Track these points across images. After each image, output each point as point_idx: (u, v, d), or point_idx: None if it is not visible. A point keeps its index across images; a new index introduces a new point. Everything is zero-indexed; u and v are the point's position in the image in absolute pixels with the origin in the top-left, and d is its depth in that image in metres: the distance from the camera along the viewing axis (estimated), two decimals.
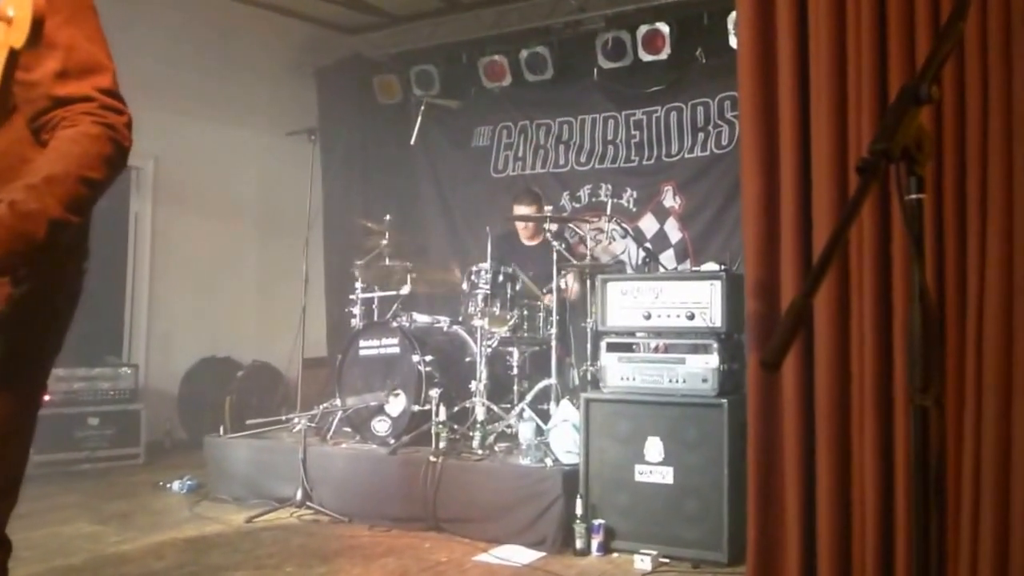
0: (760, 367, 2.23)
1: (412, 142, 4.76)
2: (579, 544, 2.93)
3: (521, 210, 4.35)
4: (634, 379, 3.09)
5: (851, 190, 2.06)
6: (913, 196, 0.98)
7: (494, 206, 5.40)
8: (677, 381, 3.01)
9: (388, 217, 4.31)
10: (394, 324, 3.85)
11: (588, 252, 4.05)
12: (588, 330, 3.72)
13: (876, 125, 1.99)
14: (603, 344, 3.17)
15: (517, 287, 3.78)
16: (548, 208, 4.30)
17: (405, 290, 3.99)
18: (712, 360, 2.97)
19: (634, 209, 4.96)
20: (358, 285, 4.18)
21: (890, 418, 1.99)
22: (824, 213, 2.10)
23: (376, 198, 5.58)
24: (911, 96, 0.96)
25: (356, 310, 4.17)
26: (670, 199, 4.84)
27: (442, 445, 3.36)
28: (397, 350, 3.77)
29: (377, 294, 4.20)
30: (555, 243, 3.74)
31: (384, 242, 4.24)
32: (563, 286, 3.90)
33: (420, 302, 4.75)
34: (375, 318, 4.14)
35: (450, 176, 5.68)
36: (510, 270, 3.79)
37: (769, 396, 2.22)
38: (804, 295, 0.83)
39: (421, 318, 4.09)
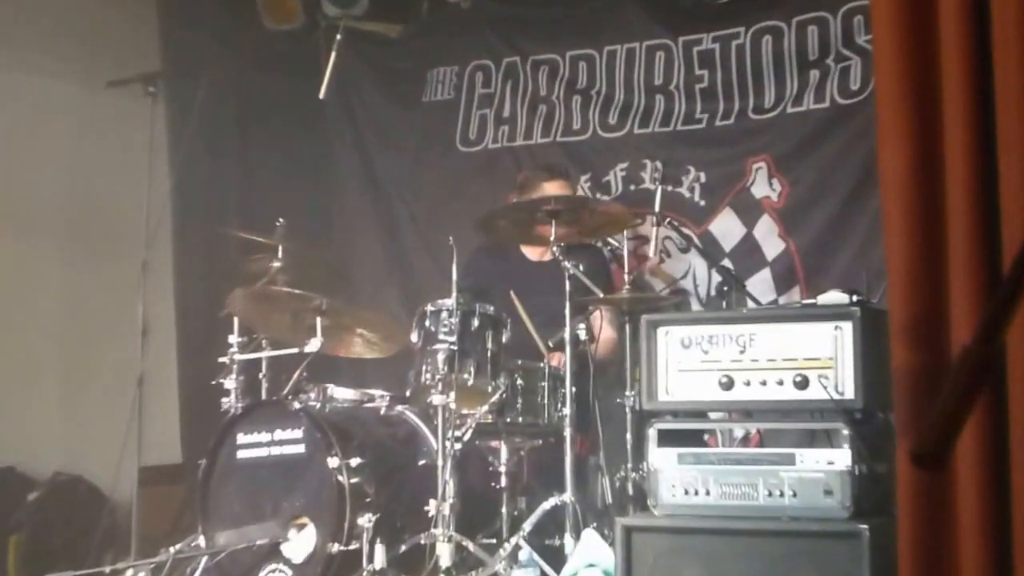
0: (912, 464, 2.22)
1: (322, 96, 4.80)
2: None
3: (545, 193, 4.43)
4: (707, 492, 3.07)
5: None
6: None
7: (463, 199, 5.46)
8: (782, 495, 2.99)
9: (283, 223, 4.33)
10: (296, 405, 3.83)
11: (626, 277, 4.07)
12: (628, 409, 3.74)
13: None
14: (653, 433, 3.16)
15: (504, 338, 3.81)
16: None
17: (313, 345, 3.96)
18: (841, 457, 2.95)
19: (702, 202, 5.01)
20: (234, 339, 4.18)
21: None
22: (1020, 208, 2.11)
23: (262, 192, 5.64)
24: None
25: (231, 381, 4.15)
26: (763, 185, 4.90)
27: None
28: (301, 449, 3.77)
29: (267, 353, 4.19)
30: (568, 263, 3.76)
31: (276, 264, 4.26)
32: (583, 335, 3.91)
33: (340, 366, 4.74)
34: (263, 395, 4.14)
35: (388, 152, 5.76)
36: (490, 310, 3.81)
37: (932, 515, 2.21)
38: (985, 340, 0.84)
39: (342, 393, 4.09)
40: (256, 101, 5.78)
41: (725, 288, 4.47)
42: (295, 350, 4.03)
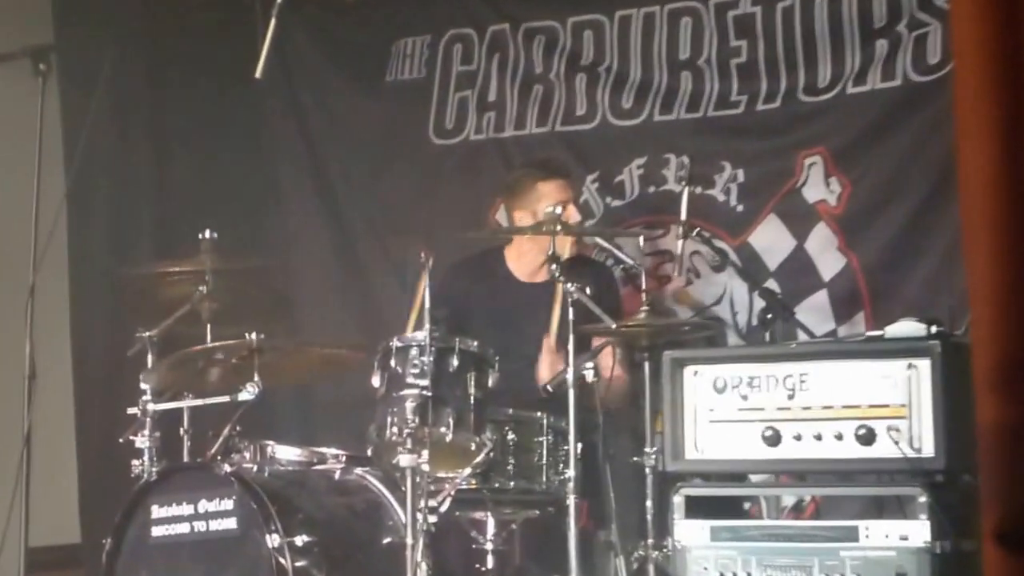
0: (997, 545, 2.21)
1: (259, 75, 4.79)
2: None
3: (541, 196, 4.46)
4: None
5: None
6: None
7: (437, 205, 5.46)
8: None
9: (209, 235, 4.33)
10: (226, 469, 3.82)
11: (644, 301, 4.08)
12: (647, 471, 3.73)
13: None
14: (679, 500, 3.17)
15: (490, 380, 3.81)
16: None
17: (248, 393, 3.96)
18: (917, 531, 2.96)
19: (739, 208, 5.02)
20: (146, 386, 4.17)
21: None
22: None
23: (184, 197, 5.65)
24: None
25: (143, 439, 4.12)
26: (818, 185, 4.90)
27: None
28: (233, 524, 3.75)
29: (189, 403, 4.18)
30: (569, 285, 3.77)
31: (202, 290, 4.27)
32: (590, 377, 3.92)
33: (284, 418, 4.70)
34: (184, 456, 4.14)
35: (342, 146, 5.78)
36: (473, 345, 3.81)
37: None
38: None
39: (286, 452, 4.07)
40: (175, 83, 5.79)
41: (769, 316, 4.45)
42: (225, 398, 4.01)
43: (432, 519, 3.64)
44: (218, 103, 5.73)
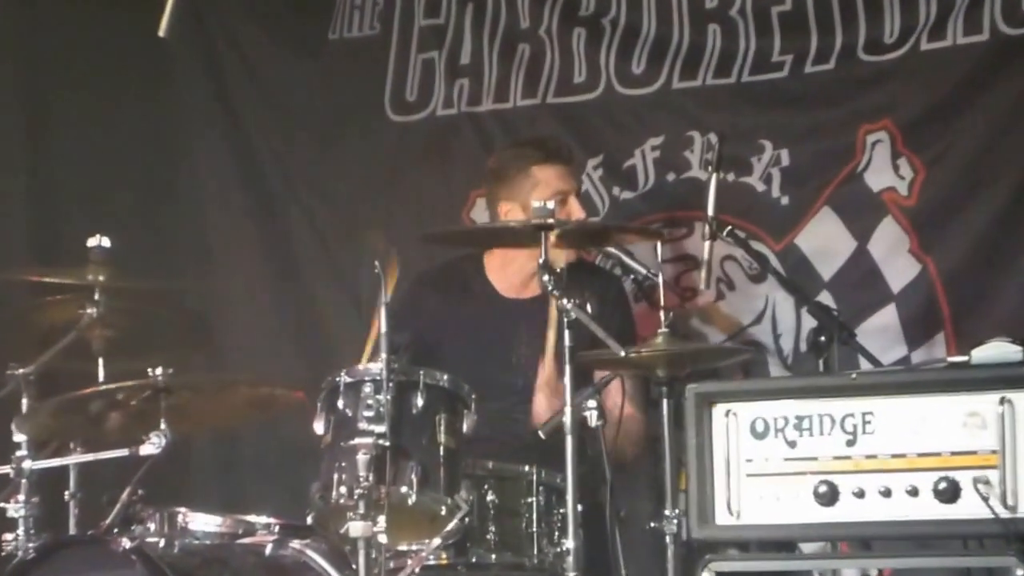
0: None
1: (163, 33, 4.81)
2: None
3: (536, 184, 4.47)
4: None
5: None
6: None
7: (396, 198, 5.51)
8: None
9: (102, 242, 4.33)
10: (126, 544, 3.81)
11: (662, 321, 4.06)
12: (668, 539, 3.73)
13: None
14: None
15: (464, 425, 3.81)
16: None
17: (153, 445, 3.97)
18: None
19: (784, 200, 5.06)
20: (21, 437, 4.16)
21: None
22: None
23: (69, 193, 5.67)
24: None
25: (17, 506, 4.10)
26: (884, 169, 4.93)
27: None
28: None
29: (77, 458, 4.19)
30: (566, 302, 3.76)
31: (91, 312, 4.28)
32: (593, 419, 3.92)
33: (200, 474, 4.66)
34: (71, 527, 4.16)
35: (275, 124, 5.81)
36: (443, 380, 3.82)
37: None
38: None
39: (203, 522, 4.07)
40: (58, 47, 5.79)
41: (823, 339, 4.46)
42: (124, 452, 4.01)
43: None
44: (112, 69, 5.76)
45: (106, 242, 4.31)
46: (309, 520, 3.90)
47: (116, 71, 5.74)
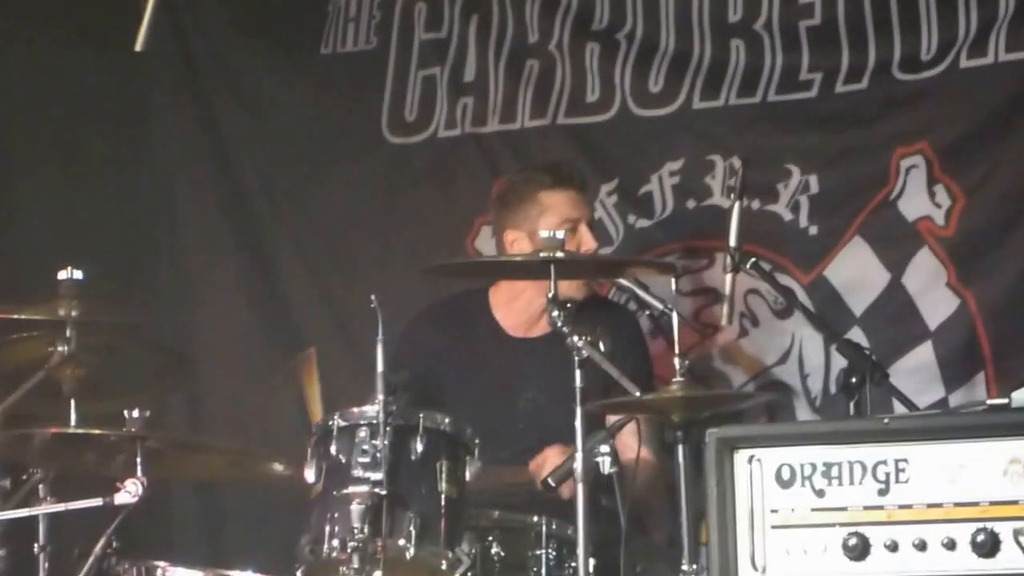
0: None
1: (140, 47, 4.83)
2: None
3: (544, 211, 4.50)
4: None
5: None
6: None
7: (394, 227, 5.54)
8: None
9: (73, 274, 4.34)
10: None
11: (677, 362, 4.06)
12: None
13: None
14: None
15: (467, 472, 3.83)
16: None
17: (129, 494, 3.98)
18: None
19: (812, 229, 5.09)
20: None
21: None
22: None
23: (38, 219, 5.68)
24: None
25: None
26: (920, 196, 4.97)
27: None
28: None
29: (47, 508, 4.19)
30: (577, 339, 3.77)
31: (61, 350, 4.29)
32: (607, 465, 3.92)
33: (180, 525, 4.65)
34: None
35: (262, 145, 5.83)
36: (444, 423, 3.84)
37: None
38: None
39: None
40: (22, 62, 5.78)
41: (854, 379, 4.45)
42: (98, 502, 4.02)
43: None
44: (84, 85, 5.79)
45: (78, 274, 4.29)
46: (298, 575, 3.89)
47: (87, 89, 5.77)
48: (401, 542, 3.69)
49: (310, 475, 3.84)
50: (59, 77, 5.77)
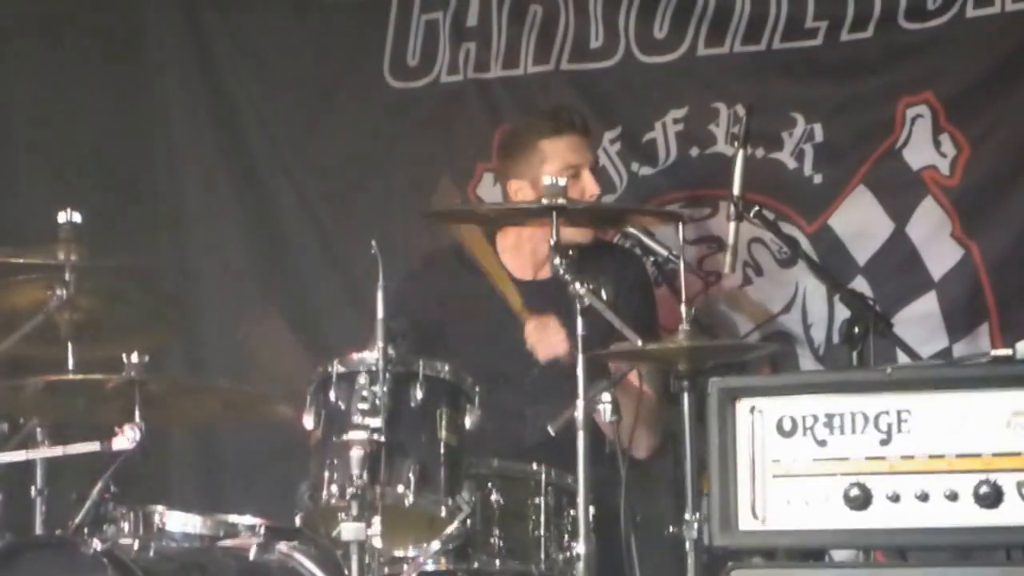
0: None
1: None
2: None
3: (546, 159, 4.50)
4: None
5: None
6: None
7: (395, 173, 5.54)
8: None
9: (71, 217, 4.34)
10: (96, 546, 3.81)
11: (683, 309, 4.04)
12: (689, 546, 3.69)
13: None
14: None
15: (467, 420, 3.83)
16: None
17: (127, 439, 3.99)
18: None
19: (817, 178, 5.08)
20: None
21: None
22: None
23: (34, 165, 5.69)
24: None
25: None
26: (925, 145, 4.96)
27: None
28: None
29: (44, 452, 4.21)
30: (579, 286, 3.76)
31: (60, 294, 4.29)
32: (608, 414, 3.89)
33: (178, 471, 4.66)
34: (37, 527, 4.20)
35: (262, 91, 5.82)
36: (444, 371, 3.83)
37: None
38: None
39: (181, 521, 4.10)
40: (16, 4, 5.78)
41: (857, 329, 4.48)
42: (95, 446, 4.03)
43: None
44: (80, 26, 5.78)
45: (76, 217, 4.31)
46: (297, 522, 3.91)
47: (83, 31, 5.75)
48: (400, 489, 3.69)
49: (309, 422, 3.84)
50: (56, 16, 5.75)
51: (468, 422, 3.83)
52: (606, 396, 3.78)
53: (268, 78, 5.84)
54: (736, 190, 4.54)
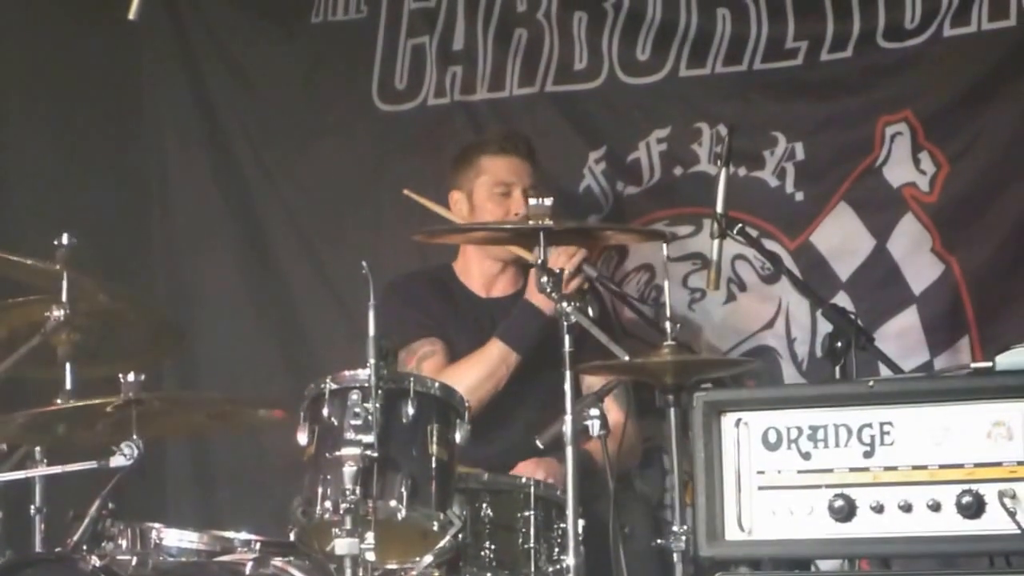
0: None
1: (133, 16, 4.79)
2: None
3: (480, 173, 4.59)
4: None
5: None
6: None
7: (384, 194, 5.52)
8: None
9: (68, 240, 4.32)
10: (94, 562, 3.82)
11: (668, 325, 4.02)
12: (676, 557, 3.72)
13: None
14: None
15: (458, 435, 3.82)
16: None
17: (124, 457, 3.97)
18: None
19: (798, 195, 5.09)
20: None
21: None
22: None
23: (28, 190, 5.66)
24: None
25: None
26: (904, 163, 4.96)
27: None
28: None
29: (42, 471, 4.20)
30: (565, 304, 3.75)
31: (57, 316, 4.27)
32: (595, 429, 3.86)
33: (175, 488, 4.64)
34: (36, 544, 4.18)
35: (253, 114, 5.82)
36: (434, 387, 3.85)
37: None
38: None
39: (177, 538, 4.09)
40: (14, 31, 5.74)
41: (839, 344, 4.45)
42: (93, 464, 4.02)
43: None
44: (77, 54, 5.76)
45: (72, 241, 4.27)
46: (291, 537, 3.89)
47: (79, 58, 5.74)
48: (392, 504, 3.68)
49: (302, 438, 3.82)
50: (52, 46, 5.72)
51: (458, 437, 3.82)
52: (594, 411, 3.77)
53: (259, 104, 5.84)
54: (719, 208, 4.55)
